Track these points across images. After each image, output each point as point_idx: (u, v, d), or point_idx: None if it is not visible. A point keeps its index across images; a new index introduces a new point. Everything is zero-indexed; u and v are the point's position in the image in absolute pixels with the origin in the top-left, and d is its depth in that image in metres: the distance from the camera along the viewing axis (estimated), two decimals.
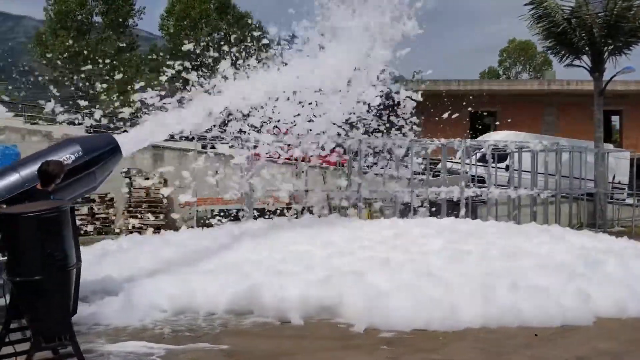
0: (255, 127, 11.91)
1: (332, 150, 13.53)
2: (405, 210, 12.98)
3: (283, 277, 6.79)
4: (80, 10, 41.81)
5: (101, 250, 9.04)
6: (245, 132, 11.74)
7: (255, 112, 11.08)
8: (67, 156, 6.27)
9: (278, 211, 13.13)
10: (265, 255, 7.91)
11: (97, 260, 8.32)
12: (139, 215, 13.81)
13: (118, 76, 26.62)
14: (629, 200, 18.33)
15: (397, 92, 12.26)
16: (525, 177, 15.01)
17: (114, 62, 34.85)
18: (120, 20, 41.89)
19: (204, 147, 14.08)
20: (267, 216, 12.31)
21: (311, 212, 12.34)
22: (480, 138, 18.53)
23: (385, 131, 13.77)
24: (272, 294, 6.41)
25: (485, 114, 31.50)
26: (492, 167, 16.48)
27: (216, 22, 42.02)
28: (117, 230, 13.51)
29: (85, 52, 36.40)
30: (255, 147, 12.10)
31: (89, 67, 32.02)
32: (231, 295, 6.51)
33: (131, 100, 11.73)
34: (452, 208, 13.65)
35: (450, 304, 6.25)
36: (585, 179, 16.61)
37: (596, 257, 8.09)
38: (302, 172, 13.25)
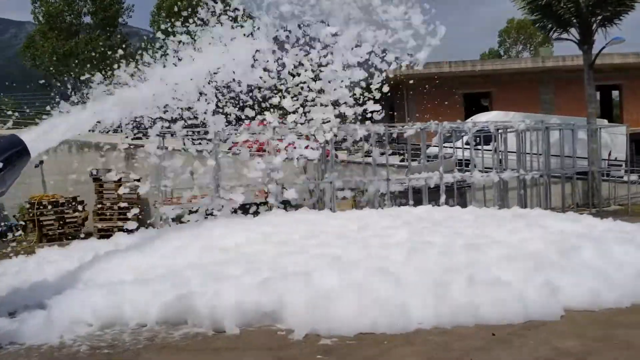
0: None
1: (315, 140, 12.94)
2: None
3: (221, 282, 6.23)
4: (69, 11, 41.36)
5: (43, 259, 8.51)
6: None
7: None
8: None
9: (256, 205, 12.54)
10: (209, 259, 7.33)
11: (38, 269, 7.83)
12: (109, 218, 13.32)
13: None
14: (626, 178, 17.55)
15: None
16: (512, 158, 14.35)
17: (106, 61, 34.45)
18: (110, 19, 41.36)
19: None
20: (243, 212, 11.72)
21: (287, 206, 11.79)
22: (468, 120, 17.79)
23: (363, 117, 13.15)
24: (205, 301, 5.85)
25: (480, 96, 30.76)
26: (478, 149, 15.88)
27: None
28: (82, 235, 12.99)
29: (75, 52, 36.03)
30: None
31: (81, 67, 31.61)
32: (162, 305, 5.95)
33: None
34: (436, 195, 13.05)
35: (401, 303, 5.67)
36: (578, 157, 15.92)
37: (572, 243, 7.43)
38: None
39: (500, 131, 14.61)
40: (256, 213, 11.09)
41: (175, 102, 10.43)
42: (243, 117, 12.34)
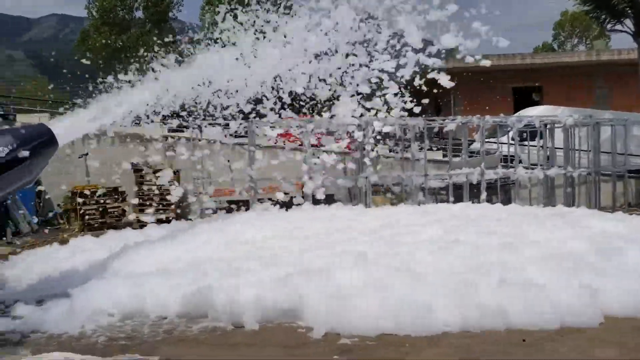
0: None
1: (349, 135, 12.74)
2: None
3: (242, 277, 6.12)
4: (121, 5, 42.40)
5: (76, 248, 8.64)
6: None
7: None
8: (0, 149, 5.83)
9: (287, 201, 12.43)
10: (232, 253, 7.25)
11: (70, 258, 7.95)
12: (149, 209, 13.48)
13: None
14: None
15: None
16: (560, 155, 13.72)
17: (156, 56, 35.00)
18: (161, 13, 42.12)
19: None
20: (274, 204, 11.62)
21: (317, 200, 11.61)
22: (514, 115, 17.15)
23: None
24: (224, 295, 5.75)
25: (531, 90, 29.74)
26: (524, 145, 15.29)
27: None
28: (124, 225, 13.20)
29: (127, 47, 36.83)
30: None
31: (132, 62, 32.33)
32: (182, 298, 5.89)
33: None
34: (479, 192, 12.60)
35: (426, 304, 5.41)
36: (631, 155, 15.10)
37: (615, 245, 6.98)
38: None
39: (548, 126, 13.99)
40: (289, 206, 10.95)
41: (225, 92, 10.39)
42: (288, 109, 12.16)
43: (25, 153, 5.91)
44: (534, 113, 17.20)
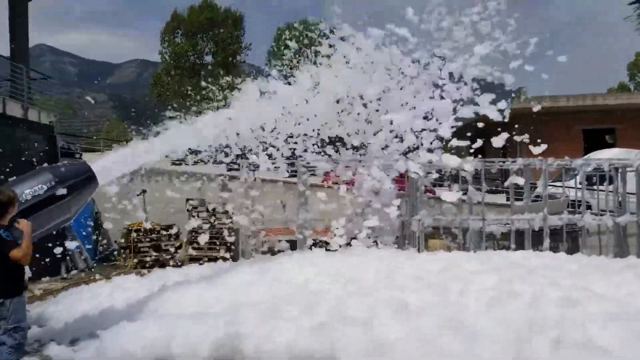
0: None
1: (402, 175, 12.33)
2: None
3: (276, 322, 5.80)
4: (192, 51, 44.24)
5: (117, 286, 8.58)
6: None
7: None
8: (39, 187, 5.86)
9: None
10: (271, 295, 6.94)
11: (110, 297, 7.89)
12: (199, 247, 13.44)
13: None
14: None
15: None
16: (633, 200, 12.70)
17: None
18: (230, 56, 43.56)
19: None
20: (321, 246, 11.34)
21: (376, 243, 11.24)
22: (583, 157, 16.18)
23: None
24: (254, 343, 5.44)
25: (604, 132, 28.28)
26: (593, 190, 14.33)
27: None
28: (176, 262, 13.21)
29: (197, 89, 38.20)
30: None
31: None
32: (212, 344, 5.62)
33: None
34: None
35: None
36: None
37: None
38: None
39: (620, 170, 13.04)
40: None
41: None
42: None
43: (64, 191, 5.93)
44: (605, 156, 16.17)
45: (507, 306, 6.06)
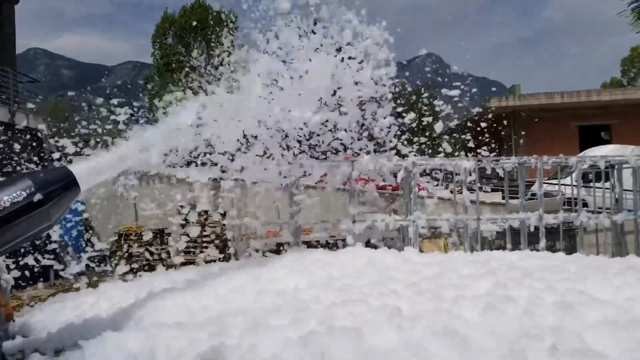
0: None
1: (395, 175, 12.15)
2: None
3: (262, 333, 5.59)
4: (185, 51, 43.99)
5: (102, 294, 8.37)
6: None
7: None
8: (17, 193, 5.64)
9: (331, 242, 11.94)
10: (260, 304, 6.74)
11: (95, 305, 7.69)
12: (190, 251, 13.25)
13: None
14: None
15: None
16: (630, 197, 12.55)
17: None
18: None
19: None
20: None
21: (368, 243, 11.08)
22: (579, 154, 16.04)
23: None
24: (238, 355, 5.24)
25: (599, 128, 28.20)
26: (590, 187, 14.19)
27: None
28: (167, 267, 13.01)
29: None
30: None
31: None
32: (196, 356, 5.41)
33: None
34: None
35: None
36: None
37: None
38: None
39: (616, 167, 12.88)
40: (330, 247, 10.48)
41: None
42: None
43: (42, 197, 5.71)
44: (600, 153, 16.04)
45: (500, 313, 5.85)
